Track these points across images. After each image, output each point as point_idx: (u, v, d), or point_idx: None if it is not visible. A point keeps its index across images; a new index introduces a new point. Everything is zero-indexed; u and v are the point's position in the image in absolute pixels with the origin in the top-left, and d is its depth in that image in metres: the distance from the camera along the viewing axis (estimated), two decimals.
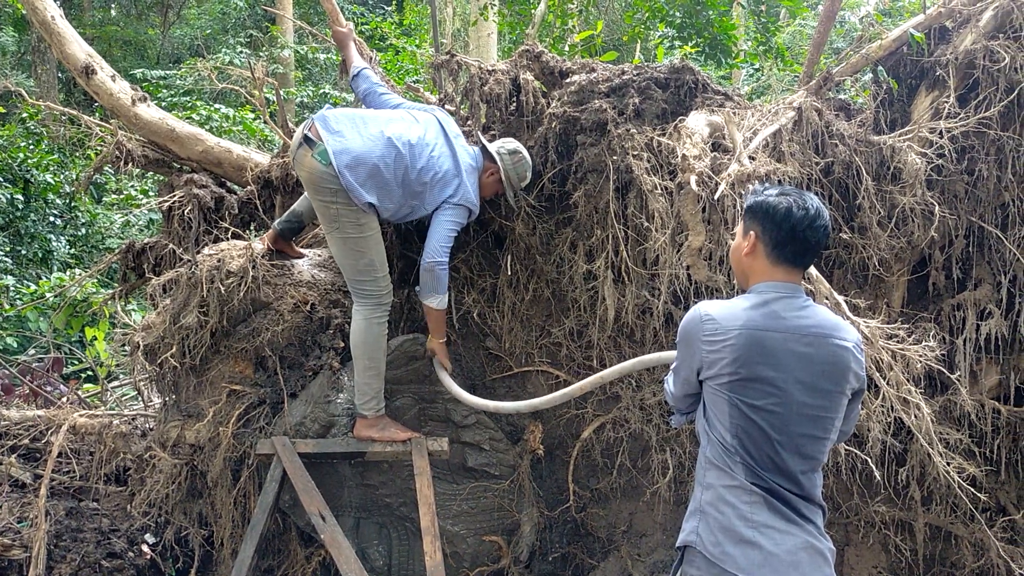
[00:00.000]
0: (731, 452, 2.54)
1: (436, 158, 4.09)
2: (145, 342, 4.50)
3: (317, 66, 16.43)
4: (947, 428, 4.21)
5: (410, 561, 4.55)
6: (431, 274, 4.07)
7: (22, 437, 5.19)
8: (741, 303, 2.55)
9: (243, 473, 4.46)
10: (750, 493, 2.48)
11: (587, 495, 4.77)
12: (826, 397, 2.49)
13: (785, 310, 2.50)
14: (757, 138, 4.10)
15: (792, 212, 2.50)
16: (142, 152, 5.37)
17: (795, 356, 2.47)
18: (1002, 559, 4.25)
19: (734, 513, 2.49)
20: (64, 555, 4.58)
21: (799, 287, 2.57)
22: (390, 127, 4.02)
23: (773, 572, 2.40)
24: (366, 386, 4.18)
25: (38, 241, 10.12)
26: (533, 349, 4.74)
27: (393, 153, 3.95)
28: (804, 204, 2.50)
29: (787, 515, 2.47)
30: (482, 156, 4.35)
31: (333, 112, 4.03)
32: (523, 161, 4.32)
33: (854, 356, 2.52)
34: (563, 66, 4.80)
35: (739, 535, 2.45)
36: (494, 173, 4.32)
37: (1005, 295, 4.43)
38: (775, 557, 2.41)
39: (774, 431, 2.47)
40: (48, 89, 13.76)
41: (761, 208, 2.56)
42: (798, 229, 2.49)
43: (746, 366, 2.47)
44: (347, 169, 3.85)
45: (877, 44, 4.66)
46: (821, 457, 2.53)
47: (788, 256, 2.54)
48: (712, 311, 2.55)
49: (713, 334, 2.52)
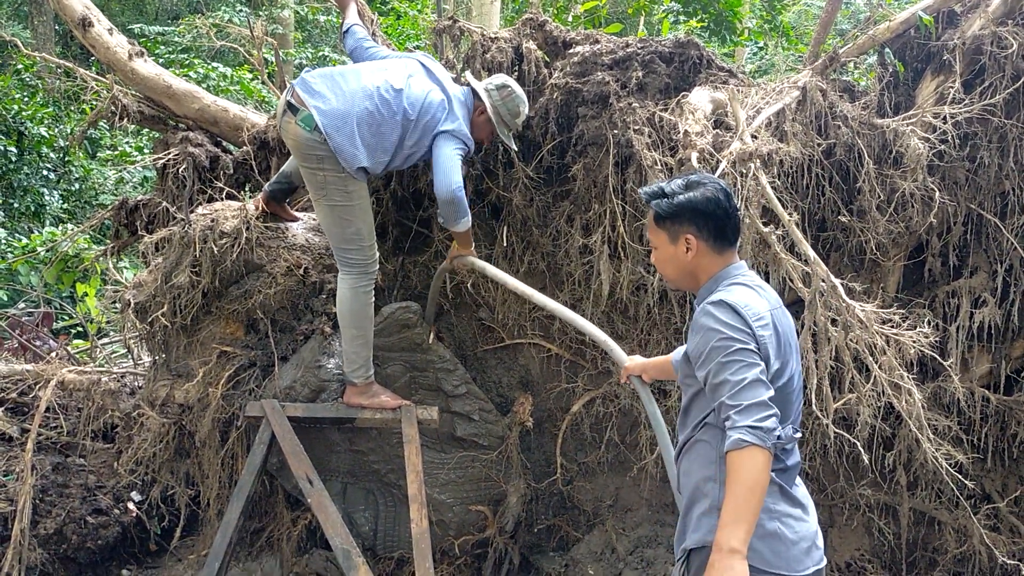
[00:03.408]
0: None
1: (425, 96, 3.93)
2: (136, 300, 4.48)
3: (317, 28, 16.24)
4: (936, 414, 4.22)
5: (396, 527, 4.57)
6: (450, 203, 3.85)
7: (10, 391, 5.18)
8: (744, 288, 2.44)
9: (231, 435, 4.46)
10: (770, 483, 2.34)
11: (574, 468, 4.78)
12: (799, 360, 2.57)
13: (758, 285, 2.50)
14: (760, 116, 4.07)
15: (716, 198, 2.46)
16: (138, 108, 5.30)
17: (791, 328, 2.50)
18: (984, 546, 4.28)
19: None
20: (49, 510, 4.58)
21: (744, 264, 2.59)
22: (373, 78, 3.91)
23: (797, 563, 2.36)
24: (354, 354, 4.15)
25: (31, 195, 10.04)
26: (526, 321, 4.72)
27: (380, 102, 3.84)
28: (717, 185, 2.49)
29: (797, 500, 2.44)
30: (472, 96, 4.17)
31: (312, 74, 3.92)
32: (513, 95, 4.12)
33: None
34: (567, 36, 4.75)
35: (763, 528, 2.33)
36: (483, 112, 4.13)
37: (1000, 283, 4.43)
38: (796, 546, 2.37)
39: (792, 410, 2.47)
40: (44, 41, 13.56)
41: (686, 207, 2.47)
42: (728, 209, 2.47)
43: (782, 348, 2.42)
44: (334, 131, 3.76)
45: (885, 26, 4.62)
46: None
47: (730, 238, 2.51)
48: (737, 300, 2.37)
49: (758, 320, 2.35)
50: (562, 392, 4.70)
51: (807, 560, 2.38)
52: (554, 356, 4.70)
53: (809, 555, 2.39)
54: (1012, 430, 4.51)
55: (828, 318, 3.70)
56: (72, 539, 4.56)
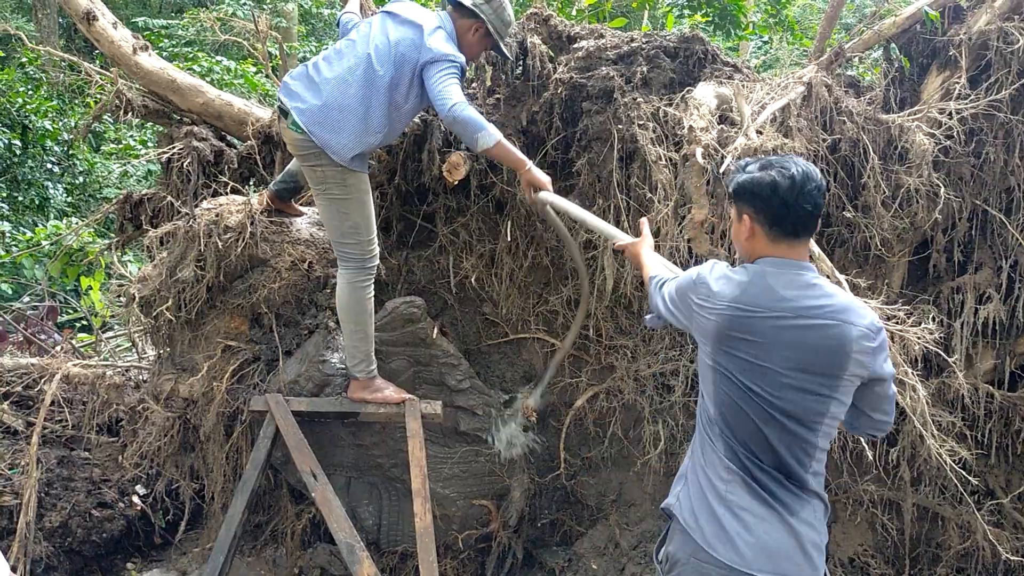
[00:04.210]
0: (713, 424, 2.50)
1: (391, 45, 3.76)
2: (141, 294, 4.48)
3: (321, 21, 16.22)
4: (940, 410, 4.22)
5: (400, 522, 4.57)
6: (458, 122, 3.62)
7: (15, 384, 5.18)
8: (740, 276, 2.45)
9: (236, 429, 4.46)
10: (728, 471, 2.44)
11: (578, 463, 4.78)
12: (819, 379, 2.35)
13: (784, 286, 2.38)
14: (765, 112, 4.05)
15: (778, 185, 2.36)
16: (142, 102, 5.31)
17: (785, 335, 2.35)
18: (988, 542, 4.28)
19: (710, 487, 2.46)
20: (55, 503, 4.60)
21: (804, 263, 2.44)
22: (343, 59, 3.82)
23: (739, 556, 2.35)
24: (355, 349, 4.15)
25: (35, 188, 10.06)
26: (530, 316, 4.73)
27: (355, 79, 3.75)
28: (788, 172, 2.37)
29: (767, 500, 2.39)
30: (452, 17, 3.97)
31: (292, 74, 3.89)
32: (503, 5, 3.98)
33: (860, 341, 2.35)
34: (571, 31, 4.73)
35: (711, 509, 2.43)
36: (478, 28, 3.97)
37: (1005, 280, 4.42)
38: (742, 540, 2.36)
39: (756, 410, 2.39)
40: (48, 34, 13.56)
41: (746, 188, 2.43)
42: (789, 200, 2.35)
43: (728, 340, 2.40)
44: (317, 128, 3.72)
45: (891, 21, 4.60)
46: (816, 441, 2.42)
47: (788, 230, 2.40)
48: (711, 277, 2.48)
49: (706, 299, 2.46)
50: (565, 387, 4.70)
51: (742, 559, 2.36)
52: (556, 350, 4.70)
53: (746, 555, 2.36)
54: (1016, 426, 4.51)
55: None
56: (77, 532, 4.58)
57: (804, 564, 2.38)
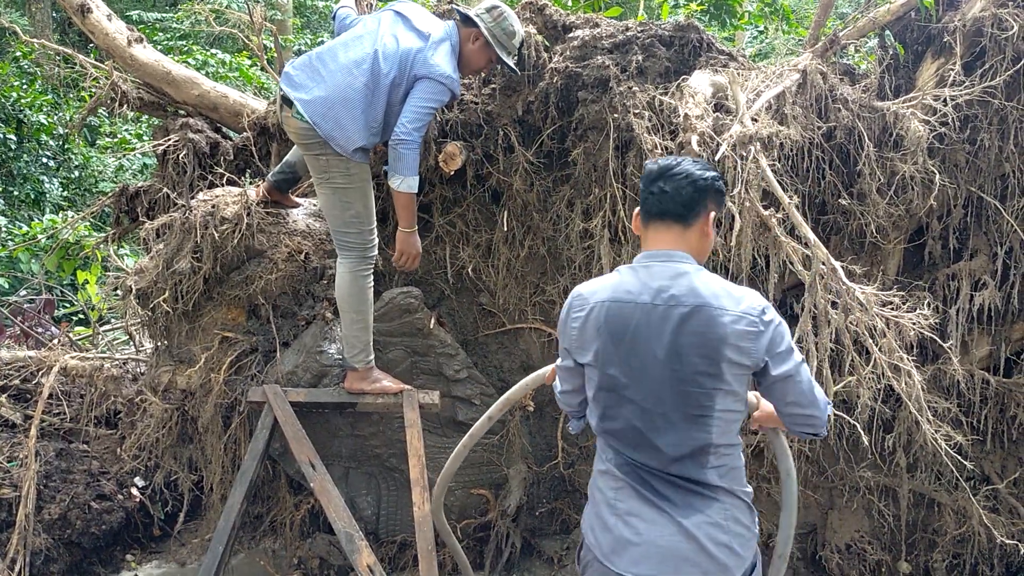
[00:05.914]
0: (600, 434, 2.45)
1: (398, 47, 3.83)
2: (138, 286, 4.48)
3: (316, 14, 16.18)
4: (936, 396, 4.23)
5: (398, 511, 4.59)
6: (403, 152, 3.77)
7: (12, 377, 5.19)
8: (613, 277, 2.43)
9: (234, 420, 4.47)
10: (616, 479, 2.39)
11: (575, 452, 4.79)
12: (697, 371, 2.25)
13: (653, 278, 2.33)
14: (760, 99, 4.05)
15: (648, 170, 2.42)
16: (137, 94, 5.30)
17: (655, 327, 2.28)
18: (984, 527, 4.30)
19: (603, 499, 2.41)
20: (54, 496, 4.60)
21: (675, 252, 2.37)
22: (349, 52, 3.85)
23: (632, 563, 2.28)
24: (354, 339, 4.16)
25: (30, 182, 10.03)
26: (527, 306, 4.73)
27: (360, 73, 3.79)
28: (660, 161, 2.41)
29: (656, 503, 2.32)
30: (458, 28, 4.05)
31: (294, 64, 3.91)
32: (505, 16, 4.02)
33: (736, 327, 2.24)
34: (566, 20, 4.73)
35: (604, 521, 2.37)
36: (478, 37, 4.03)
37: (1000, 266, 4.43)
38: (636, 547, 2.30)
39: (635, 410, 2.32)
40: (42, 28, 13.51)
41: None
42: (648, 182, 2.40)
43: (602, 340, 2.35)
44: (321, 119, 3.76)
45: (885, 8, 4.61)
46: (710, 438, 2.29)
47: (651, 213, 2.41)
48: (582, 288, 2.47)
49: (579, 310, 2.43)
50: None
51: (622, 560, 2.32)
52: (555, 340, 4.70)
53: (640, 563, 2.29)
54: (1011, 412, 4.52)
55: (828, 301, 3.70)
56: (76, 524, 4.58)
57: (709, 564, 2.27)
